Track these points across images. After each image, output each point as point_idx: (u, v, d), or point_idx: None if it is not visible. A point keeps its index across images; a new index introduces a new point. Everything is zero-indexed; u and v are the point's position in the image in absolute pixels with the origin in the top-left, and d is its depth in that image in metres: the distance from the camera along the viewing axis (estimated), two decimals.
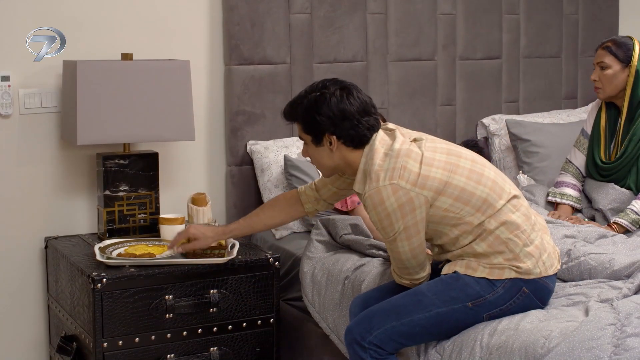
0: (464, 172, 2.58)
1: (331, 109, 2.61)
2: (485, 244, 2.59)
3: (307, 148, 2.74)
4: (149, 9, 3.59)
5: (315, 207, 2.98)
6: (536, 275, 2.59)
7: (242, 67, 3.73)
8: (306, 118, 2.66)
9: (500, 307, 2.58)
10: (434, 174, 2.55)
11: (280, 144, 3.74)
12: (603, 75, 3.50)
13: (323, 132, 2.65)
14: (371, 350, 2.61)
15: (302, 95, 2.69)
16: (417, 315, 2.59)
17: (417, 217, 2.56)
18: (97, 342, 2.98)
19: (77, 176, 3.54)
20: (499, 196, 2.60)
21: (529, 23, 4.45)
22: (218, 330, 3.15)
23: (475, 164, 2.63)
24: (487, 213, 2.58)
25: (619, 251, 2.94)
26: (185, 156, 3.71)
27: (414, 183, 2.53)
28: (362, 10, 3.98)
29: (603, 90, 3.52)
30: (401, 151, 2.57)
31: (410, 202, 2.53)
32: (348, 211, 3.45)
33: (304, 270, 3.21)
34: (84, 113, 3.20)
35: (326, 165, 2.73)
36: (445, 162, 2.59)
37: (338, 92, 2.63)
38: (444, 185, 2.55)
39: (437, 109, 4.23)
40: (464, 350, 2.53)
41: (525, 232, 2.60)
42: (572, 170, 3.64)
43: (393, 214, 2.54)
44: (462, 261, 2.63)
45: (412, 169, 2.54)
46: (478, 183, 2.58)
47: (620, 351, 2.27)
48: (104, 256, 3.09)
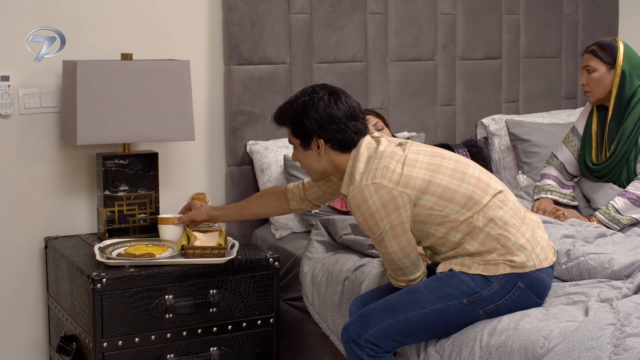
0: (447, 172, 2.61)
1: (319, 113, 2.65)
2: (476, 242, 2.59)
3: (296, 152, 2.79)
4: (148, 9, 3.59)
5: (300, 205, 3.03)
6: (530, 268, 2.60)
7: (242, 67, 3.73)
8: (295, 122, 2.71)
9: (496, 303, 2.58)
10: (417, 173, 2.58)
11: (280, 144, 3.74)
12: (590, 79, 3.52)
13: (311, 136, 2.69)
14: (367, 349, 2.61)
15: (292, 100, 2.74)
16: (413, 312, 2.59)
17: (402, 215, 2.57)
18: (97, 342, 2.98)
19: (76, 176, 3.54)
20: (484, 192, 2.61)
21: (528, 23, 4.45)
22: (218, 330, 3.15)
23: (459, 164, 2.66)
24: (473, 209, 2.59)
25: (619, 251, 2.94)
26: (185, 156, 3.71)
27: (396, 182, 2.56)
28: (362, 10, 3.98)
29: (592, 94, 3.54)
30: (385, 153, 2.61)
31: (394, 200, 2.55)
32: (347, 211, 3.45)
33: (304, 271, 3.21)
34: (84, 113, 3.20)
35: (314, 169, 2.76)
36: (428, 162, 2.62)
37: (326, 96, 2.67)
38: (427, 184, 2.58)
39: (437, 109, 4.23)
40: (463, 349, 2.53)
41: (515, 226, 2.61)
42: (556, 164, 3.66)
43: (377, 212, 2.56)
44: (457, 259, 2.63)
45: (394, 169, 2.57)
46: (461, 181, 2.61)
47: (620, 351, 2.27)
48: (103, 256, 3.09)
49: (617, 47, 3.50)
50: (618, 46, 3.51)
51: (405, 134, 3.99)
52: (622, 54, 3.48)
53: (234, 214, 3.19)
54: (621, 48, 3.50)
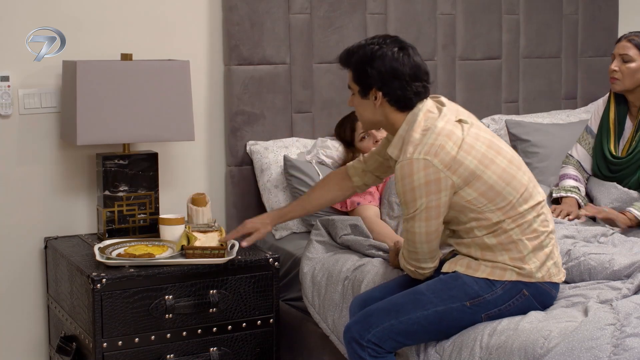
0: (497, 170, 2.57)
1: (384, 65, 2.62)
2: (496, 240, 2.58)
3: (353, 98, 2.76)
4: (148, 10, 3.59)
5: (363, 180, 2.99)
6: (538, 279, 2.59)
7: (241, 67, 3.73)
8: (358, 68, 2.68)
9: (498, 308, 2.57)
10: (469, 162, 2.54)
11: (280, 144, 3.74)
12: (625, 68, 3.50)
13: (371, 86, 2.66)
14: (369, 349, 2.61)
15: (361, 45, 2.70)
16: (415, 313, 2.59)
17: (440, 199, 2.54)
18: (97, 342, 2.98)
19: (76, 176, 3.54)
20: (524, 201, 2.59)
21: (528, 23, 4.45)
22: (218, 331, 3.15)
23: (511, 165, 2.61)
24: (508, 214, 2.57)
25: (619, 251, 2.94)
26: (184, 156, 3.71)
27: (446, 165, 2.52)
28: (361, 10, 3.98)
29: (622, 82, 3.52)
30: (443, 130, 2.56)
31: (438, 182, 2.52)
32: (347, 211, 3.45)
33: (304, 271, 3.21)
34: (84, 113, 3.20)
35: (368, 118, 2.74)
36: (483, 154, 2.57)
37: (395, 50, 2.64)
38: (474, 177, 2.54)
39: None
40: (463, 350, 2.53)
41: (539, 238, 2.59)
42: (573, 162, 3.65)
43: (418, 189, 2.53)
44: (464, 260, 2.63)
45: (449, 151, 2.53)
46: (507, 184, 2.57)
47: (620, 351, 2.27)
48: (103, 256, 3.09)
49: None
50: None
51: None
52: None
53: (298, 213, 3.11)
54: None
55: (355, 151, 3.62)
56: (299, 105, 3.86)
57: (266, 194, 3.67)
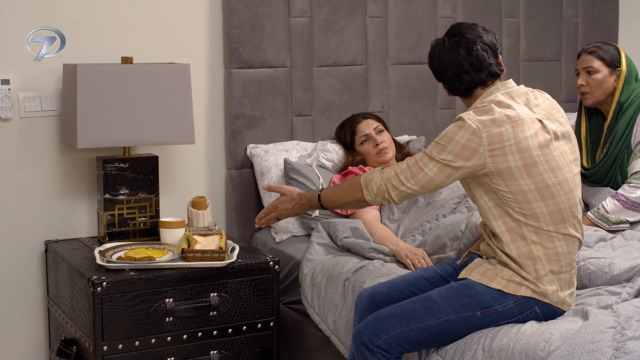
0: (539, 183, 2.53)
1: (441, 60, 2.69)
2: (515, 250, 2.55)
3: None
4: (149, 13, 3.59)
5: None
6: (550, 301, 2.56)
7: (242, 71, 3.73)
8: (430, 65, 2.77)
9: (508, 320, 2.55)
10: (512, 159, 2.52)
11: (280, 147, 3.75)
12: (591, 80, 3.50)
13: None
14: (379, 355, 2.59)
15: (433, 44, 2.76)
16: (427, 322, 2.56)
17: (462, 167, 2.53)
18: (97, 345, 2.98)
19: (77, 180, 3.54)
20: (553, 222, 2.56)
21: (528, 26, 4.45)
22: (218, 334, 3.15)
23: (557, 187, 2.55)
24: (529, 222, 2.55)
25: (619, 256, 2.94)
26: (185, 159, 3.71)
27: (490, 144, 2.52)
28: (362, 13, 3.98)
29: (592, 95, 3.52)
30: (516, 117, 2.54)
31: (473, 153, 2.52)
32: (348, 214, 3.45)
33: (303, 272, 3.21)
34: (84, 116, 3.20)
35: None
36: (534, 163, 2.52)
37: (450, 42, 2.68)
38: (509, 174, 2.52)
39: (437, 112, 4.23)
40: (466, 353, 2.53)
41: (559, 262, 2.57)
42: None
43: (453, 144, 2.54)
44: (480, 267, 2.61)
45: (502, 136, 2.51)
46: (542, 199, 2.54)
47: (621, 354, 2.27)
48: (104, 259, 3.09)
49: (619, 51, 3.51)
50: (619, 50, 3.51)
51: (405, 137, 3.99)
52: (625, 57, 3.49)
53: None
54: (622, 51, 3.50)
55: (355, 154, 3.63)
56: (299, 108, 3.86)
57: (266, 197, 3.67)
